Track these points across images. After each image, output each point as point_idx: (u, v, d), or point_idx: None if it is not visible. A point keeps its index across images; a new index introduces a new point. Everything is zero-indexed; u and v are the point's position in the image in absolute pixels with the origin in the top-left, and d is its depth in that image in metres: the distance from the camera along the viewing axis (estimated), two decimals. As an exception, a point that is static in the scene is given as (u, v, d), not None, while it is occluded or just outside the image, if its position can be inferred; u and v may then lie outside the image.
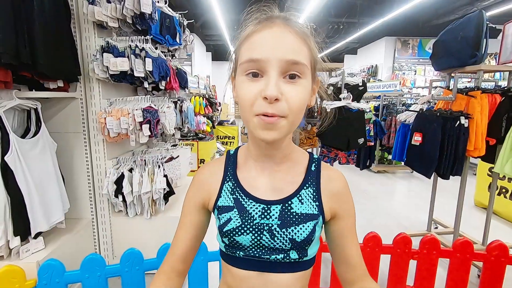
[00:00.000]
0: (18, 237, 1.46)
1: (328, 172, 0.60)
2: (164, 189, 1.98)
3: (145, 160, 2.05)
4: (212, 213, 0.63)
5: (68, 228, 1.82)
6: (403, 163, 2.59)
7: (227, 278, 0.61)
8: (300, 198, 0.56)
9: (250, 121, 0.48)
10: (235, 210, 0.56)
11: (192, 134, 4.59)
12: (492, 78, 4.34)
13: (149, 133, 1.94)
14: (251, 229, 0.55)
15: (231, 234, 0.55)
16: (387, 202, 3.76)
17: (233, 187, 0.58)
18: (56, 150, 1.74)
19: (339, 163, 2.31)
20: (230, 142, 6.25)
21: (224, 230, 0.56)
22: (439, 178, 2.33)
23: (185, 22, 2.62)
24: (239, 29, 0.52)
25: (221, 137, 6.17)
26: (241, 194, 0.57)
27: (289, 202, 0.55)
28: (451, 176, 2.19)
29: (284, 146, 0.56)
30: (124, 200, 1.94)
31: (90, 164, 1.96)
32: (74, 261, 1.38)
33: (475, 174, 3.66)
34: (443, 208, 3.26)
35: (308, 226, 0.54)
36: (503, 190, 3.21)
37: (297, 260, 0.56)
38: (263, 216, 0.55)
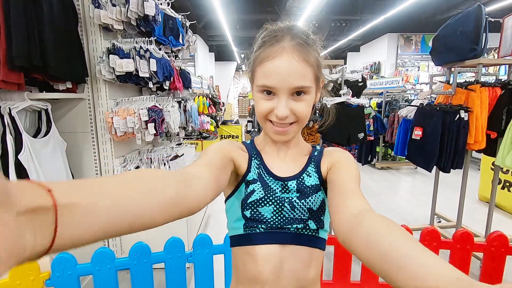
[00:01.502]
0: (32, 232, 1.53)
1: (329, 151, 0.69)
2: (170, 186, 2.03)
3: (151, 158, 2.11)
4: (232, 187, 0.64)
5: (78, 224, 1.89)
6: (405, 158, 2.62)
7: (246, 266, 0.61)
8: (307, 173, 0.64)
9: (265, 125, 0.61)
10: (258, 183, 0.62)
11: (196, 133, 4.65)
12: (494, 72, 4.31)
13: (155, 132, 2.00)
14: (273, 200, 0.61)
15: (255, 205, 0.61)
16: (391, 198, 3.77)
17: (258, 164, 0.65)
18: (65, 149, 1.81)
19: (341, 158, 2.34)
20: (234, 141, 6.30)
21: (248, 202, 0.61)
22: (441, 173, 2.34)
23: (188, 23, 2.68)
24: (254, 44, 0.62)
25: (225, 136, 6.23)
26: (263, 171, 0.64)
27: (302, 177, 0.64)
28: (454, 170, 2.21)
29: (296, 137, 0.67)
30: (131, 197, 2.00)
31: (98, 162, 2.03)
32: (85, 255, 1.44)
33: (479, 169, 3.65)
34: (447, 203, 3.27)
35: (320, 196, 0.62)
36: (507, 184, 3.21)
37: (315, 231, 0.62)
38: (283, 191, 0.62)
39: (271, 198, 0.61)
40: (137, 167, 2.03)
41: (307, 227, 0.61)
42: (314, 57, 0.59)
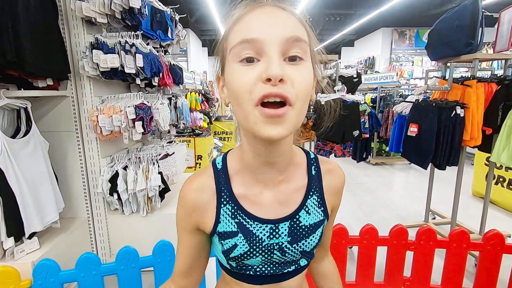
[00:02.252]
0: (12, 238, 1.46)
1: (327, 168, 0.57)
2: (159, 186, 1.97)
3: (139, 157, 2.03)
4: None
5: (63, 227, 1.82)
6: (400, 154, 2.59)
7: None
8: (306, 209, 0.53)
9: (250, 115, 0.40)
10: (240, 235, 0.50)
11: (188, 131, 4.57)
12: (489, 67, 4.30)
13: (142, 130, 1.92)
14: (260, 251, 0.51)
15: (240, 259, 0.52)
16: (385, 194, 3.76)
17: (233, 211, 0.51)
18: (48, 150, 1.72)
19: (335, 156, 2.30)
20: (228, 138, 6.23)
21: (231, 256, 0.51)
22: (436, 169, 2.32)
23: (177, 17, 2.58)
24: (227, 15, 0.46)
25: (219, 133, 6.15)
26: (244, 217, 0.50)
27: (297, 217, 0.52)
28: (448, 167, 2.18)
29: (288, 149, 0.49)
30: (119, 198, 1.93)
31: (84, 162, 1.94)
32: (71, 261, 1.38)
33: (473, 164, 3.66)
34: (441, 198, 3.27)
35: (317, 234, 0.54)
36: (501, 179, 3.21)
37: (306, 265, 0.58)
38: (271, 236, 0.51)
39: (257, 249, 0.51)
40: (125, 168, 1.95)
41: (299, 266, 0.56)
42: (304, 20, 0.45)
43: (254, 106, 0.39)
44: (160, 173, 1.98)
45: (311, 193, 0.53)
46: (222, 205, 0.51)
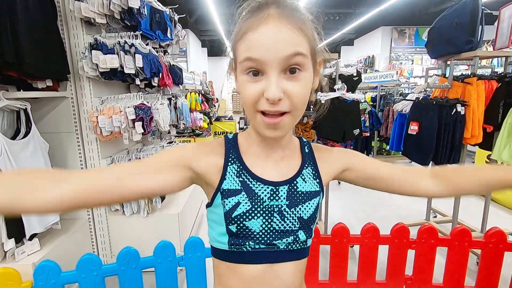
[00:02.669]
0: (13, 240, 1.45)
1: (318, 149, 0.64)
2: (160, 186, 1.96)
3: (140, 158, 2.03)
4: (210, 196, 0.57)
5: (64, 228, 1.82)
6: (401, 153, 2.58)
7: (231, 281, 0.57)
8: (303, 177, 0.58)
9: (254, 118, 0.50)
10: (243, 193, 0.54)
11: (188, 131, 4.56)
12: (489, 65, 4.30)
13: (142, 131, 1.92)
14: (261, 211, 0.54)
15: (241, 219, 0.53)
16: (386, 193, 3.74)
17: (238, 170, 0.55)
18: (48, 151, 1.72)
19: (336, 155, 2.29)
20: (228, 138, 6.23)
21: (233, 216, 0.53)
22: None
23: (176, 17, 2.58)
24: (233, 20, 0.52)
25: (219, 133, 6.15)
26: (248, 177, 0.55)
27: (295, 182, 0.57)
28: (448, 165, 2.18)
29: (287, 137, 0.59)
30: (120, 199, 1.93)
31: (84, 163, 1.94)
32: (72, 262, 1.37)
33: (474, 162, 3.65)
34: (442, 197, 3.26)
35: (313, 203, 0.57)
36: (502, 177, 3.20)
37: (304, 242, 0.58)
38: (272, 197, 0.55)
39: (259, 209, 0.54)
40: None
41: (297, 239, 0.57)
42: (308, 26, 0.49)
43: (257, 112, 0.49)
44: (160, 173, 1.98)
45: (306, 165, 0.60)
46: (229, 164, 0.56)
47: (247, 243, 0.54)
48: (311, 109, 2.28)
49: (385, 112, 4.57)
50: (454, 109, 2.02)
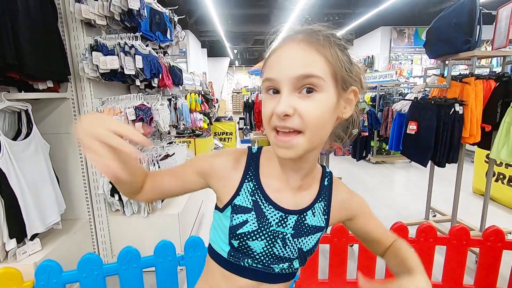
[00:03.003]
0: (14, 240, 1.46)
1: (337, 185, 0.64)
2: (160, 186, 1.97)
3: (140, 158, 2.04)
4: (220, 204, 0.59)
5: (65, 228, 1.83)
6: (400, 152, 2.59)
7: (220, 283, 0.59)
8: (313, 210, 0.58)
9: (269, 135, 0.51)
10: (253, 213, 0.54)
11: (188, 131, 4.58)
12: (488, 64, 4.30)
13: (142, 131, 1.93)
14: (266, 235, 0.54)
15: (245, 238, 0.54)
16: (386, 192, 3.76)
17: (253, 189, 0.56)
18: (49, 151, 1.73)
19: (335, 154, 2.30)
20: (228, 138, 6.24)
21: (238, 232, 0.54)
22: (436, 166, 2.32)
23: (176, 18, 2.59)
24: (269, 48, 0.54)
25: (219, 133, 6.16)
26: (261, 198, 0.55)
27: (304, 214, 0.57)
28: (449, 164, 2.18)
29: (309, 163, 0.56)
30: (120, 199, 1.94)
31: (85, 164, 1.95)
32: (73, 261, 1.39)
33: (473, 162, 3.66)
34: (441, 196, 3.27)
35: (316, 238, 0.59)
36: (501, 176, 3.21)
37: (296, 269, 0.60)
38: (279, 224, 0.55)
39: (264, 232, 0.55)
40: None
41: (291, 266, 0.58)
42: (332, 52, 0.48)
43: (271, 130, 0.49)
44: (160, 173, 1.99)
45: (320, 199, 0.60)
46: (246, 181, 0.57)
47: (245, 260, 0.56)
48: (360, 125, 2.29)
49: (385, 112, 4.57)
50: (452, 109, 2.03)
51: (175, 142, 2.68)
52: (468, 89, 2.05)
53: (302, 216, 0.57)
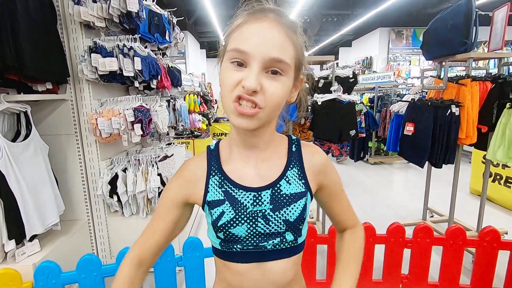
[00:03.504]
0: (13, 241, 1.47)
1: (308, 149, 0.63)
2: (159, 187, 1.98)
3: (138, 159, 2.05)
4: (201, 209, 0.62)
5: (64, 230, 1.83)
6: (397, 153, 2.61)
7: (226, 274, 0.61)
8: (287, 179, 0.58)
9: (228, 106, 0.50)
10: (226, 202, 0.56)
11: (187, 132, 4.58)
12: (484, 66, 4.33)
13: (141, 133, 1.94)
14: (245, 218, 0.55)
15: (226, 228, 0.56)
16: (385, 193, 3.78)
17: (220, 180, 0.58)
18: (48, 153, 1.74)
19: (332, 155, 2.32)
20: (227, 139, 6.25)
21: (218, 225, 0.56)
22: (433, 167, 2.34)
23: (175, 20, 2.60)
24: (232, 18, 0.54)
25: (218, 134, 6.17)
26: (230, 186, 0.57)
27: (278, 185, 0.57)
28: (446, 165, 2.20)
29: (268, 134, 0.58)
30: (119, 200, 1.95)
31: (84, 165, 1.96)
32: (72, 262, 1.39)
33: (471, 162, 3.68)
34: (439, 196, 3.29)
35: (299, 205, 0.57)
36: (498, 177, 3.23)
37: (292, 241, 0.58)
38: (255, 203, 0.56)
39: (242, 216, 0.56)
40: (125, 170, 1.97)
41: (284, 240, 0.57)
42: (299, 41, 0.52)
43: (232, 101, 0.49)
44: (159, 174, 2.00)
45: (291, 166, 0.60)
46: (211, 176, 0.59)
47: (235, 246, 0.57)
48: (309, 111, 2.31)
49: (383, 113, 4.60)
50: (449, 110, 2.04)
51: (174, 143, 2.68)
52: (464, 90, 2.07)
53: (276, 188, 0.57)
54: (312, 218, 2.92)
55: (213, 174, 0.59)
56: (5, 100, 1.46)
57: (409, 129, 2.22)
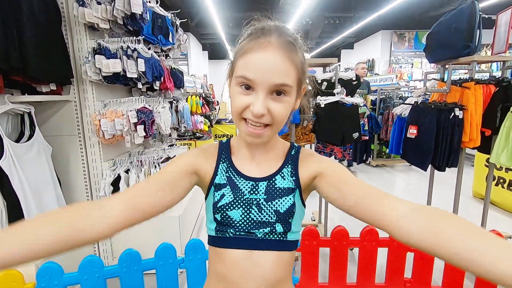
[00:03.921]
0: (16, 241, 1.47)
1: (305, 151, 0.69)
2: (161, 189, 1.98)
3: (141, 161, 2.05)
4: (205, 190, 0.67)
5: (66, 230, 1.83)
6: (400, 156, 2.60)
7: (217, 266, 0.64)
8: (282, 175, 0.65)
9: (239, 125, 0.59)
10: (228, 187, 0.63)
11: (189, 134, 4.59)
12: (488, 69, 4.32)
13: (144, 134, 1.94)
14: (241, 203, 0.62)
15: (224, 209, 0.61)
16: (386, 195, 3.76)
17: (227, 167, 0.65)
18: (51, 154, 1.75)
19: (335, 158, 2.31)
20: (229, 141, 6.25)
21: (218, 206, 0.62)
22: (436, 170, 2.33)
23: (178, 22, 2.61)
24: (239, 38, 0.60)
25: (219, 136, 6.18)
26: (233, 173, 0.64)
27: (273, 179, 0.64)
28: (449, 168, 2.19)
29: (272, 140, 0.66)
30: (121, 201, 1.94)
31: (87, 166, 1.96)
32: (74, 263, 1.39)
33: (473, 165, 3.66)
34: (441, 200, 3.27)
35: (290, 199, 0.62)
36: (501, 181, 3.22)
37: (282, 234, 0.62)
38: (251, 191, 0.63)
39: (239, 201, 0.62)
40: (127, 171, 1.97)
41: (274, 230, 0.62)
42: (300, 59, 0.57)
43: (241, 120, 0.58)
44: (161, 176, 2.00)
45: (287, 164, 0.66)
46: (221, 162, 0.66)
47: (229, 230, 0.62)
48: (312, 113, 2.30)
49: (385, 116, 4.59)
50: (452, 113, 2.04)
51: (176, 145, 2.69)
52: (468, 93, 2.06)
53: (271, 181, 0.63)
54: (314, 220, 2.91)
55: (223, 160, 0.66)
56: (9, 101, 1.46)
57: (412, 132, 2.22)
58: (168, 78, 2.46)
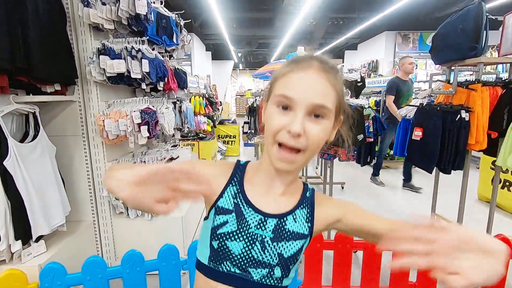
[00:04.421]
0: (19, 241, 1.47)
1: (320, 195, 0.66)
2: (164, 190, 1.98)
3: (144, 161, 2.05)
4: (208, 209, 0.62)
5: (69, 231, 1.83)
6: (404, 158, 2.57)
7: None
8: (294, 216, 0.60)
9: (271, 148, 0.55)
10: (233, 214, 0.57)
11: (192, 134, 4.59)
12: (494, 71, 4.28)
13: (148, 135, 1.94)
14: (244, 236, 0.56)
15: (224, 238, 0.56)
16: (391, 198, 3.74)
17: (236, 192, 0.60)
18: (55, 154, 1.75)
19: (339, 160, 2.30)
20: (232, 141, 6.25)
21: (217, 232, 0.56)
22: (441, 172, 2.30)
23: (182, 22, 2.61)
24: (281, 68, 0.58)
25: (222, 136, 6.17)
26: (242, 201, 0.59)
27: (284, 219, 0.59)
28: (454, 171, 2.16)
29: (293, 174, 0.61)
30: (124, 201, 1.94)
31: (90, 166, 1.97)
32: (77, 264, 1.39)
33: (479, 168, 3.62)
34: (446, 202, 3.24)
35: (297, 244, 0.58)
36: (507, 184, 3.18)
37: (278, 280, 0.58)
38: (258, 226, 0.57)
39: (243, 233, 0.57)
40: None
41: (272, 274, 0.57)
42: (340, 86, 0.56)
43: (274, 143, 0.54)
44: (165, 177, 1.99)
45: (301, 206, 0.62)
46: (230, 185, 0.61)
47: (224, 263, 0.57)
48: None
49: (389, 117, 4.55)
50: (458, 115, 2.01)
51: (179, 145, 2.69)
52: (474, 95, 2.03)
53: (282, 220, 0.58)
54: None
55: (233, 184, 0.61)
56: (14, 101, 1.47)
57: (417, 134, 2.20)
58: (172, 79, 2.46)
